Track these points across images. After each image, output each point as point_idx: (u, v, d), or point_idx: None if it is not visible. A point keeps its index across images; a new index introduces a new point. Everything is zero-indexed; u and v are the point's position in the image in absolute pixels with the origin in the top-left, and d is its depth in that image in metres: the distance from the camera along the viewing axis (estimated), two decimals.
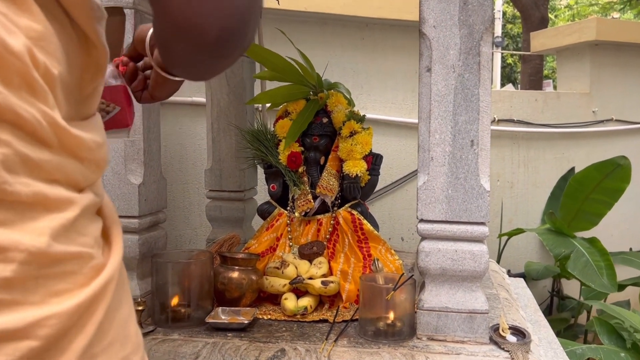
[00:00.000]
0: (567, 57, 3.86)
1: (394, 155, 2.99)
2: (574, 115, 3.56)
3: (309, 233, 1.66)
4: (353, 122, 1.64)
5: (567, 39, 3.76)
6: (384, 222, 2.94)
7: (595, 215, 3.18)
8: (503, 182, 3.40)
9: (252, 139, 1.75)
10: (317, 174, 1.66)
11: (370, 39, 2.98)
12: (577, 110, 3.58)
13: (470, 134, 1.22)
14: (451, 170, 1.24)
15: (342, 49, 2.93)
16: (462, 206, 1.24)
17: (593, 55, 3.67)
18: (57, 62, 0.49)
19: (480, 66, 1.21)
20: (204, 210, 2.05)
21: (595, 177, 3.04)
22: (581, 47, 3.72)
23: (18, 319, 0.43)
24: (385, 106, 3.03)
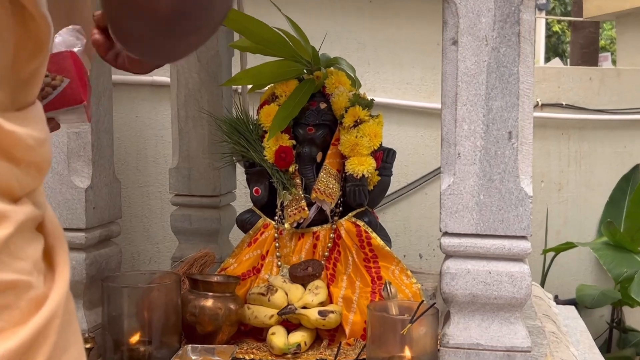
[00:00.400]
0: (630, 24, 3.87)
1: (410, 150, 2.99)
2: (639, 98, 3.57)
3: (303, 249, 1.66)
4: (358, 108, 1.64)
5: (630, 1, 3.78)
6: (398, 235, 2.94)
7: None
8: (549, 184, 3.41)
9: (229, 129, 1.75)
10: (312, 175, 1.67)
11: (380, 3, 2.99)
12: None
13: (507, 123, 1.23)
14: (483, 169, 1.25)
15: (345, 15, 2.94)
16: (498, 215, 1.25)
17: None
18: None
19: (521, 37, 1.21)
20: (169, 221, 2.05)
21: None
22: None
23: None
24: (400, 87, 3.04)
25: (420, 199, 3.06)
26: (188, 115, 2.00)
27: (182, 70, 2.00)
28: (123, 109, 2.62)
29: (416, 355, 1.32)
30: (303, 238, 1.68)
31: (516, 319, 1.29)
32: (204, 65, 1.99)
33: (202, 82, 1.99)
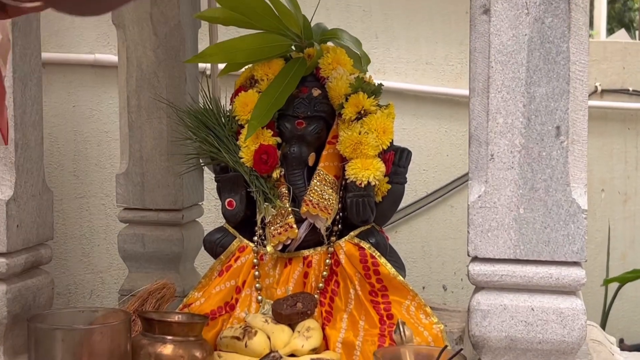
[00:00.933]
0: None
1: (431, 150, 3.01)
2: None
3: (290, 280, 1.67)
4: (362, 95, 1.65)
5: None
6: (416, 260, 2.95)
7: None
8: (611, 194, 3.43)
9: (195, 123, 1.76)
10: (302, 182, 1.68)
11: None
12: None
13: (554, 115, 1.24)
14: (524, 175, 1.26)
15: None
16: (543, 235, 1.26)
17: None
18: None
19: (571, 4, 1.22)
20: (116, 242, 2.05)
21: None
22: None
23: None
24: (417, 68, 3.06)
25: (443, 214, 3.08)
26: (141, 105, 2.01)
27: (133, 46, 2.01)
28: (57, 97, 2.63)
29: None
30: (291, 265, 1.68)
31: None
32: (162, 39, 2.00)
33: (159, 62, 2.00)
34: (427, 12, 3.07)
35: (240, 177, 1.70)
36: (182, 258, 2.04)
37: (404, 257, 1.74)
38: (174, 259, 2.02)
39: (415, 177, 2.03)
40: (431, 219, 3.10)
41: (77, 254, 2.68)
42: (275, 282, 1.68)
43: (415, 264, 2.91)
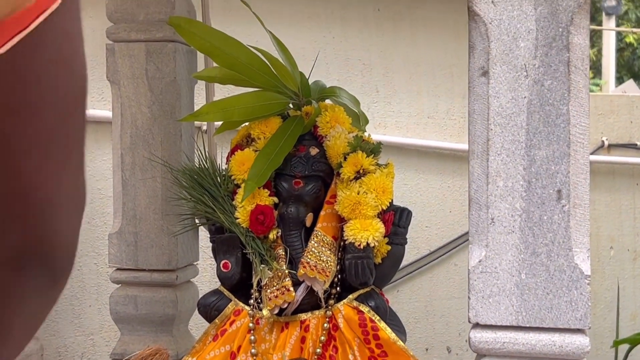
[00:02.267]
0: None
1: (433, 206, 3.01)
2: None
3: (287, 345, 1.67)
4: (361, 154, 1.67)
5: None
6: (417, 320, 2.94)
7: None
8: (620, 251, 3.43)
9: (190, 182, 1.78)
10: (300, 244, 1.68)
11: (390, 11, 3.05)
12: None
13: (555, 179, 1.25)
14: (525, 240, 1.27)
15: (345, 27, 2.99)
16: (545, 301, 1.26)
17: None
18: None
19: (571, 67, 1.25)
20: (107, 304, 2.05)
21: None
22: None
23: None
24: (419, 122, 3.08)
25: (447, 273, 3.08)
26: (135, 163, 2.02)
27: (127, 102, 2.03)
28: None
29: None
30: (287, 329, 1.68)
31: None
32: (157, 95, 2.02)
33: (154, 118, 2.02)
34: (428, 65, 3.10)
35: (236, 238, 1.71)
36: (176, 320, 2.03)
37: (406, 318, 1.74)
38: (168, 321, 2.02)
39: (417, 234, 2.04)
40: (434, 277, 3.10)
41: (68, 315, 2.68)
42: (271, 347, 1.68)
43: (417, 324, 2.90)
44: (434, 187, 3.08)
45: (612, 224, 3.40)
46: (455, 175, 3.11)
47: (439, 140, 3.11)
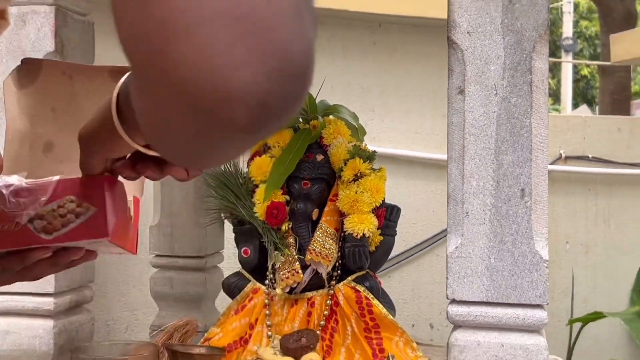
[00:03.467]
0: None
1: (419, 206, 3.01)
2: None
3: (296, 318, 1.67)
4: (358, 160, 1.67)
5: None
6: (406, 301, 2.94)
7: None
8: (574, 246, 3.42)
9: (216, 184, 1.78)
10: (307, 234, 1.68)
11: (386, 44, 3.05)
12: None
13: (519, 180, 1.25)
14: (494, 230, 1.27)
15: (347, 57, 2.99)
16: (510, 281, 1.26)
17: None
18: None
19: (533, 87, 1.25)
20: (148, 285, 2.06)
21: None
22: None
23: None
24: (407, 137, 3.07)
25: (430, 262, 3.07)
26: None
27: None
28: None
29: None
30: (296, 305, 1.68)
31: None
32: None
33: None
34: (417, 89, 3.10)
35: (254, 229, 1.71)
36: (204, 298, 2.04)
37: (395, 298, 1.73)
38: (197, 299, 2.02)
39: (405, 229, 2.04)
40: (420, 265, 3.10)
41: (115, 294, 2.68)
42: (283, 320, 1.68)
43: (405, 304, 2.90)
44: (420, 191, 3.07)
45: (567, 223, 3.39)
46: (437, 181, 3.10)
47: (424, 152, 3.11)
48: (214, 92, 0.41)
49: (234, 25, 0.41)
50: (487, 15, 1.26)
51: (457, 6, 1.27)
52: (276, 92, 0.43)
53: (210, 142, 0.47)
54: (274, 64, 0.42)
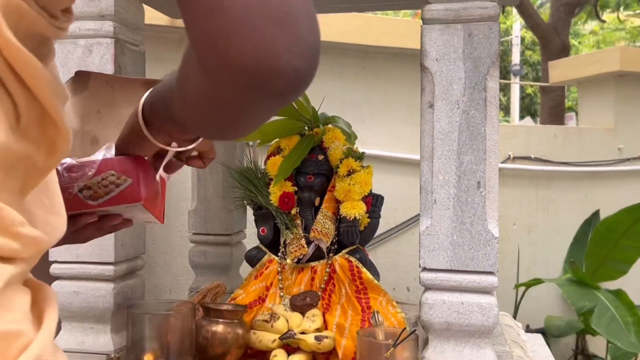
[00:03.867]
0: (590, 89, 3.93)
1: (399, 196, 3.02)
2: (598, 153, 3.61)
3: (302, 282, 1.67)
4: (351, 159, 1.67)
5: (589, 69, 3.84)
6: (388, 270, 2.94)
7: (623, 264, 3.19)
8: (520, 227, 3.42)
9: (240, 177, 1.78)
10: (311, 217, 1.68)
11: (372, 69, 3.05)
12: (601, 147, 3.63)
13: (476, 175, 1.25)
14: (456, 214, 1.27)
15: (342, 79, 3.00)
16: (469, 254, 1.27)
17: (618, 87, 3.74)
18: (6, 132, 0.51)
19: (487, 102, 1.25)
20: (187, 256, 2.06)
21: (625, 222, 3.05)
22: (604, 78, 3.79)
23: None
24: (390, 141, 3.08)
25: (407, 239, 3.08)
26: None
27: None
28: None
29: None
30: (302, 272, 1.69)
31: (486, 344, 1.30)
32: None
33: None
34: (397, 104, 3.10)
35: (270, 213, 1.71)
36: (231, 267, 2.04)
37: (380, 268, 1.73)
38: (225, 267, 2.03)
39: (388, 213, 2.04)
40: (399, 242, 3.10)
41: (161, 264, 2.69)
42: (292, 284, 1.68)
43: (387, 272, 2.90)
44: (400, 184, 3.08)
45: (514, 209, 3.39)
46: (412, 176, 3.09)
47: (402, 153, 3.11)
48: (264, 71, 0.49)
49: (274, 27, 0.48)
50: (451, 46, 1.26)
51: (428, 39, 1.27)
52: (302, 68, 0.51)
53: (254, 108, 0.55)
54: (301, 51, 0.50)
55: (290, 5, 0.49)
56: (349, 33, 2.92)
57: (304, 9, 0.51)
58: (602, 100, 3.80)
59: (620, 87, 3.74)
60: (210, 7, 0.47)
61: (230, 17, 0.47)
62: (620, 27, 9.26)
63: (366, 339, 1.38)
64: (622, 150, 3.65)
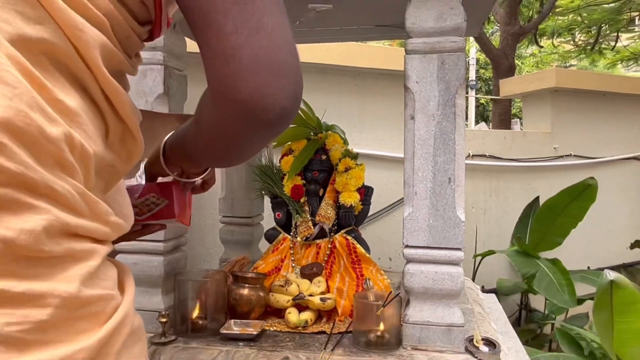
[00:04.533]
0: (531, 101, 3.92)
1: (383, 186, 3.02)
2: (538, 151, 3.61)
3: (309, 255, 1.68)
4: (348, 159, 1.67)
5: (531, 85, 3.84)
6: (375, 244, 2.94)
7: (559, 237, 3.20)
8: (477, 209, 3.43)
9: (260, 173, 1.78)
10: (316, 204, 1.69)
11: (363, 86, 3.04)
12: (541, 147, 3.63)
13: (448, 172, 1.26)
14: (432, 203, 1.27)
15: (339, 94, 2.99)
16: (442, 234, 1.27)
17: (554, 100, 3.74)
18: (94, 142, 0.53)
19: (456, 115, 1.24)
20: (218, 233, 2.06)
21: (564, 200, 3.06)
22: (543, 93, 3.79)
23: (51, 356, 0.44)
24: (376, 143, 3.08)
25: (389, 220, 3.08)
26: None
27: None
28: None
29: (386, 328, 1.33)
30: (309, 248, 1.69)
31: (454, 304, 1.31)
32: None
33: None
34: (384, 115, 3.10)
35: (284, 201, 1.71)
36: (252, 243, 2.04)
37: (369, 243, 1.74)
38: (248, 243, 2.03)
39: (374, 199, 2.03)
40: (383, 222, 3.11)
41: (197, 238, 2.70)
42: (301, 257, 1.69)
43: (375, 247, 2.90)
44: (383, 176, 3.08)
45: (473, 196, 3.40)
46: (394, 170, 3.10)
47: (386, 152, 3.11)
48: (259, 106, 0.52)
49: (271, 75, 0.52)
50: (428, 71, 1.25)
51: (409, 66, 1.26)
52: (287, 107, 0.54)
53: (250, 137, 0.57)
54: (287, 94, 0.53)
55: (284, 61, 0.53)
56: (344, 57, 2.92)
57: (294, 64, 0.54)
58: (541, 110, 3.80)
59: (556, 99, 3.73)
60: (226, 56, 0.51)
61: (240, 65, 0.51)
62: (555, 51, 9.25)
63: (360, 300, 1.39)
64: (557, 149, 3.66)
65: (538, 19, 6.39)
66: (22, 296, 0.43)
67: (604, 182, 3.74)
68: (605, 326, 1.78)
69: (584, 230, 3.48)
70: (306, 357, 1.27)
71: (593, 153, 3.76)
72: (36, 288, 0.44)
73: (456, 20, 1.23)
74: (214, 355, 1.29)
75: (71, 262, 0.48)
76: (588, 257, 3.68)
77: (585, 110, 3.79)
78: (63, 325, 0.46)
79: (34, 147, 0.45)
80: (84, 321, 0.48)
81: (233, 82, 0.52)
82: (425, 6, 1.24)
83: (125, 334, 0.52)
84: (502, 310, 1.98)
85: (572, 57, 9.20)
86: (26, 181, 0.44)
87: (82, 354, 0.46)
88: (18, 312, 0.42)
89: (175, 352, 1.30)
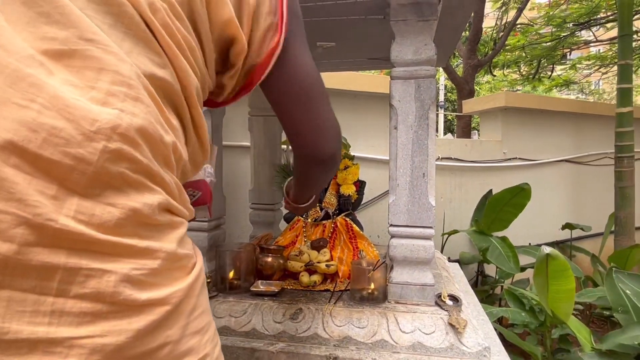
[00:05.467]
0: (487, 117, 3.90)
1: (373, 180, 3.02)
2: (491, 155, 3.59)
3: (317, 233, 1.68)
4: (347, 159, 1.67)
5: (486, 105, 3.82)
6: (367, 225, 2.96)
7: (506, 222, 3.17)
8: (445, 199, 3.42)
9: (280, 170, 1.78)
10: (322, 194, 1.68)
11: (358, 105, 3.04)
12: (493, 152, 3.61)
13: (422, 169, 1.26)
14: (411, 193, 1.27)
15: (340, 112, 2.97)
16: (417, 216, 1.27)
17: (504, 116, 3.72)
18: (185, 151, 0.58)
19: (429, 126, 1.24)
20: (248, 216, 2.07)
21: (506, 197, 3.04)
22: (495, 111, 3.77)
23: (161, 293, 0.49)
24: (368, 148, 3.07)
25: (378, 206, 3.08)
26: (259, 162, 2.02)
27: (255, 139, 2.02)
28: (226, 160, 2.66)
29: (376, 287, 1.33)
30: (317, 227, 1.69)
31: (427, 269, 1.31)
32: (267, 136, 2.02)
33: (265, 145, 2.02)
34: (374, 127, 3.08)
35: None
36: (274, 223, 2.04)
37: (363, 224, 1.74)
38: (271, 223, 2.03)
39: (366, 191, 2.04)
40: (375, 209, 3.10)
41: (232, 220, 2.70)
42: (312, 234, 1.68)
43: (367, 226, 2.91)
44: (373, 174, 3.07)
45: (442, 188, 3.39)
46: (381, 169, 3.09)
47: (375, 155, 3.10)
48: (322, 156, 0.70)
49: (330, 136, 0.70)
50: (407, 93, 1.25)
51: (394, 88, 1.26)
52: (336, 153, 0.71)
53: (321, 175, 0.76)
54: (335, 146, 0.71)
55: (336, 129, 0.70)
56: (344, 83, 2.91)
57: (338, 129, 0.71)
58: (494, 123, 3.78)
59: (505, 115, 3.71)
60: (313, 128, 0.67)
61: (317, 134, 0.67)
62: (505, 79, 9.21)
63: (356, 266, 1.39)
64: (506, 154, 3.64)
65: (492, 54, 6.34)
66: (144, 250, 0.47)
67: (541, 179, 3.72)
68: (542, 288, 1.78)
69: (526, 215, 3.47)
70: (315, 308, 1.28)
71: (533, 156, 3.74)
72: (152, 245, 0.48)
73: (429, 54, 1.23)
74: (246, 306, 1.30)
75: (170, 229, 0.52)
76: (529, 236, 3.66)
77: (528, 123, 3.76)
78: (166, 272, 0.49)
79: (155, 149, 0.50)
80: (177, 271, 0.51)
81: (313, 143, 0.67)
82: (406, 43, 1.24)
83: (200, 282, 0.56)
84: (463, 275, 1.98)
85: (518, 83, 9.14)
86: (150, 171, 0.49)
87: (180, 293, 0.50)
88: (140, 261, 0.47)
89: (217, 304, 1.32)
